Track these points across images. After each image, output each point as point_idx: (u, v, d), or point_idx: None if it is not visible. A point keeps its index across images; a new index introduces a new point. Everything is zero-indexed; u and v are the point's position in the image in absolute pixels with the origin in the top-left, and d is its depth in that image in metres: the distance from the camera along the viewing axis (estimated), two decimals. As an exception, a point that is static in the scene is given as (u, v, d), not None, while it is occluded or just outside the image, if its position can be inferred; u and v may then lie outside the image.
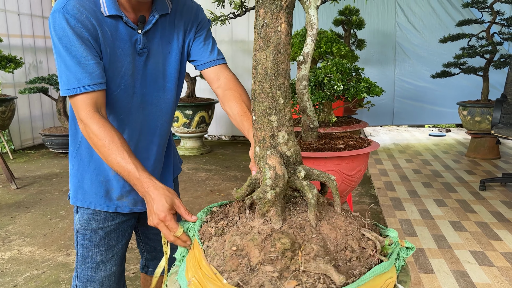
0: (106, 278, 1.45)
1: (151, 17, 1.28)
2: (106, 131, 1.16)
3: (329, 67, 2.67)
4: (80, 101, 1.18)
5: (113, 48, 1.24)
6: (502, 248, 2.70)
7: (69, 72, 1.17)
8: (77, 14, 1.16)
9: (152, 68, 1.33)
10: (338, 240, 0.91)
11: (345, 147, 1.83)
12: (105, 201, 1.38)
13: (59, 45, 1.16)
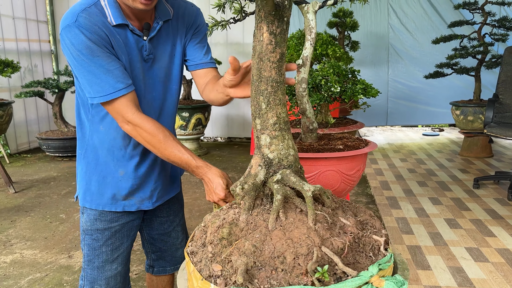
0: (112, 277, 1.49)
1: (155, 24, 1.33)
2: (158, 127, 1.25)
3: (326, 69, 2.72)
4: (121, 104, 1.24)
5: (126, 55, 1.29)
6: (496, 244, 2.76)
7: (99, 80, 1.22)
8: (90, 26, 1.20)
9: (158, 73, 1.38)
10: (277, 247, 0.93)
11: (344, 147, 1.88)
12: (112, 202, 1.42)
13: (82, 57, 1.20)
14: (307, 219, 0.99)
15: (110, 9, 1.25)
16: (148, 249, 1.67)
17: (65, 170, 5.07)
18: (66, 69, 5.54)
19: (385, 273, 0.94)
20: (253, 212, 1.05)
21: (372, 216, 1.12)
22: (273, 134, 1.10)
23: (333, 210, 1.07)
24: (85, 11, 1.22)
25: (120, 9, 1.26)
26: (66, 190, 4.26)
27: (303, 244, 0.92)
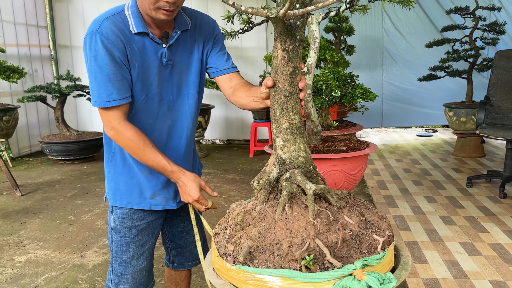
0: (138, 272, 1.61)
1: (173, 33, 1.45)
2: (139, 136, 1.38)
3: (326, 74, 2.86)
4: (111, 113, 1.37)
5: (141, 62, 1.41)
6: (489, 239, 2.91)
7: (100, 87, 1.35)
8: (110, 35, 1.33)
9: (176, 78, 1.50)
10: (277, 236, 1.09)
11: (347, 149, 2.01)
12: (140, 200, 1.54)
13: (93, 63, 1.33)
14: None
15: (133, 18, 1.38)
16: (169, 246, 1.79)
17: (69, 173, 5.16)
18: (67, 73, 5.64)
19: (374, 269, 1.03)
20: (266, 204, 1.22)
21: (382, 218, 1.22)
22: (285, 137, 1.24)
23: (339, 208, 1.19)
24: (109, 19, 1.35)
25: (142, 18, 1.39)
26: (72, 192, 4.36)
27: (299, 235, 1.07)
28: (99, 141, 5.78)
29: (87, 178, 4.94)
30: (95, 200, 4.10)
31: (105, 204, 3.95)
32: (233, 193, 4.18)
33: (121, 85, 1.36)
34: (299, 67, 1.21)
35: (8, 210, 3.87)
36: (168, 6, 1.30)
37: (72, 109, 6.89)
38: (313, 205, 1.12)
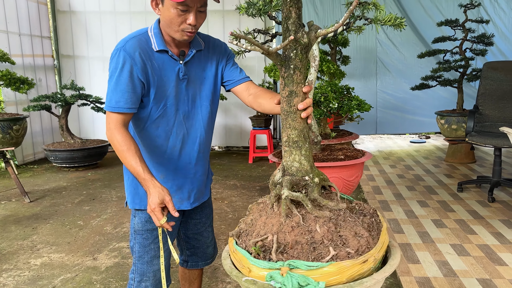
0: (158, 270, 1.78)
1: (189, 52, 1.66)
2: (126, 141, 1.54)
3: (324, 87, 3.06)
4: (113, 117, 1.56)
5: (160, 76, 1.61)
6: (477, 241, 3.11)
7: (112, 94, 1.56)
8: (132, 52, 1.54)
9: (191, 91, 1.69)
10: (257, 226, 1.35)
11: (344, 157, 2.20)
12: None
13: (114, 74, 1.55)
14: (293, 214, 1.30)
15: (155, 38, 1.59)
16: (183, 246, 1.97)
17: (74, 180, 5.32)
18: (72, 83, 5.81)
19: (303, 273, 1.14)
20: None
21: (358, 236, 1.25)
22: (284, 149, 1.44)
23: (316, 217, 1.29)
24: (134, 39, 1.57)
25: (162, 38, 1.60)
26: (79, 199, 4.52)
27: (266, 229, 1.29)
28: (103, 149, 5.94)
29: (92, 184, 5.10)
30: (102, 206, 4.26)
31: (112, 210, 4.11)
32: (235, 198, 4.36)
33: (129, 97, 1.55)
34: (295, 90, 1.39)
35: (19, 216, 4.02)
36: (190, 28, 1.52)
37: (75, 117, 7.04)
38: (285, 208, 1.30)
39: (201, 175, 1.79)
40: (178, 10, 1.49)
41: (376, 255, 1.21)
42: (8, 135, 4.30)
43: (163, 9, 1.53)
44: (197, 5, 1.51)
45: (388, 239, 1.35)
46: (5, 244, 3.36)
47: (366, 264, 1.17)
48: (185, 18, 1.51)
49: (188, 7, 1.49)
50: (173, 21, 1.52)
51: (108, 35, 6.95)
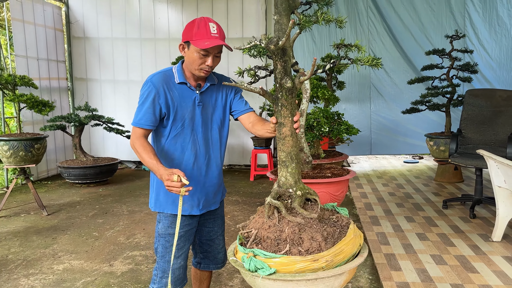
0: (177, 268, 2.14)
1: (205, 84, 2.09)
2: (143, 144, 1.97)
3: (317, 113, 3.46)
4: (136, 130, 2.01)
5: (179, 102, 2.03)
6: (455, 252, 3.45)
7: (138, 113, 2.01)
8: (157, 84, 1.99)
9: (204, 115, 2.10)
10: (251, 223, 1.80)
11: (331, 175, 2.57)
12: (172, 207, 2.09)
13: (142, 97, 2.01)
14: (274, 216, 1.75)
15: (177, 74, 2.05)
16: (198, 250, 2.33)
17: (86, 195, 5.69)
18: (86, 105, 6.24)
19: (261, 260, 1.58)
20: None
21: (313, 240, 1.61)
22: (279, 166, 1.84)
23: (289, 221, 1.71)
24: (159, 73, 2.04)
25: (184, 74, 2.05)
26: (92, 212, 4.88)
27: (255, 224, 1.72)
28: (113, 166, 6.33)
29: (103, 199, 5.47)
30: (114, 219, 4.62)
31: (124, 223, 4.47)
32: (237, 213, 4.72)
33: (149, 117, 1.99)
34: (283, 122, 1.82)
35: (39, 227, 4.38)
36: (208, 68, 1.98)
37: (86, 135, 7.45)
38: (267, 211, 1.75)
39: (210, 186, 2.17)
40: (200, 54, 1.93)
41: (329, 257, 1.55)
42: (30, 153, 4.70)
43: (188, 52, 1.96)
44: (215, 52, 1.96)
45: (352, 250, 1.67)
46: (29, 252, 3.72)
47: (317, 263, 1.54)
48: (204, 60, 1.95)
49: (208, 52, 1.93)
50: (195, 62, 1.96)
51: (120, 60, 7.42)
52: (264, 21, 7.05)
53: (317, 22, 2.36)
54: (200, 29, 1.91)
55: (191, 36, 1.93)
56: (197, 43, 1.90)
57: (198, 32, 1.91)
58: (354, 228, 1.75)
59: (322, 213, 1.75)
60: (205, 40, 1.90)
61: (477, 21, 6.37)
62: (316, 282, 1.52)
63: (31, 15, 6.62)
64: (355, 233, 1.72)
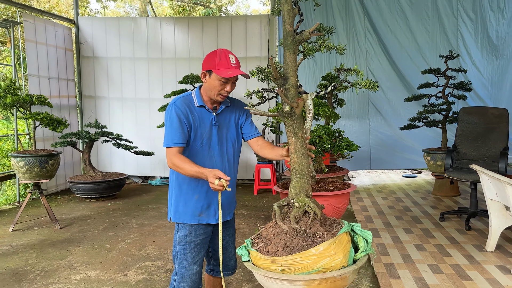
0: (194, 274, 2.35)
1: (220, 107, 2.34)
2: (182, 159, 2.19)
3: (319, 130, 3.69)
4: (171, 150, 2.22)
5: (199, 122, 2.27)
6: (451, 261, 3.65)
7: (168, 134, 2.23)
8: (181, 107, 2.23)
9: (219, 135, 2.34)
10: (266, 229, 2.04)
11: (334, 189, 2.79)
12: (191, 217, 2.31)
13: (169, 121, 2.23)
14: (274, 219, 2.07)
15: (196, 97, 2.29)
16: (211, 258, 2.54)
17: (96, 210, 5.89)
18: (95, 122, 6.49)
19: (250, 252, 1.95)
20: None
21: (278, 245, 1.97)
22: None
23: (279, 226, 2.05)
24: (181, 98, 2.29)
25: (201, 98, 2.30)
26: (103, 226, 5.08)
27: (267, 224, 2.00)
28: (121, 181, 6.54)
29: (113, 213, 5.67)
30: (125, 232, 4.82)
31: (135, 235, 4.67)
32: (242, 225, 4.91)
33: (180, 135, 2.21)
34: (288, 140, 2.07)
35: (53, 240, 4.57)
36: (226, 93, 2.24)
37: (94, 151, 7.67)
38: (277, 217, 2.04)
39: (225, 197, 2.39)
40: (221, 82, 2.19)
41: (285, 264, 1.87)
42: (45, 169, 4.92)
43: (210, 79, 2.22)
44: (233, 79, 2.21)
45: (312, 265, 1.87)
46: (46, 263, 3.91)
47: (274, 265, 1.89)
48: (224, 87, 2.21)
49: (228, 80, 2.19)
50: (216, 88, 2.21)
51: (127, 78, 7.70)
52: (266, 41, 7.35)
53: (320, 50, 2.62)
54: (222, 60, 2.17)
55: (214, 66, 2.18)
56: (220, 72, 2.15)
57: (220, 62, 2.17)
58: (326, 248, 1.86)
59: (311, 225, 1.95)
60: (227, 69, 2.15)
61: (469, 41, 6.67)
62: (271, 280, 1.90)
63: (44, 36, 6.91)
64: (324, 253, 1.85)
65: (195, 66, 7.44)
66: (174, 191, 2.36)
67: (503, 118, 4.90)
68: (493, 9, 6.45)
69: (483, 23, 6.55)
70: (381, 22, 6.92)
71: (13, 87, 5.00)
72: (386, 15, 6.88)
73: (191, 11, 11.82)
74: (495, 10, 6.44)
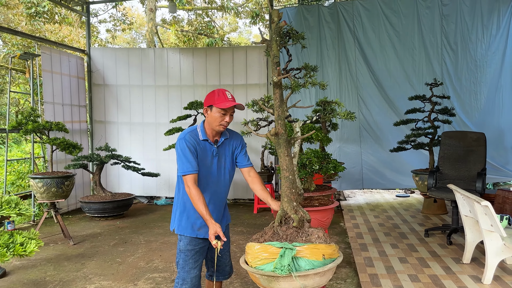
0: (194, 277, 2.76)
1: (220, 139, 2.78)
2: (198, 194, 2.60)
3: (309, 154, 4.14)
4: (188, 178, 2.63)
5: (202, 153, 2.71)
6: (429, 272, 4.03)
7: (183, 164, 2.64)
8: (190, 140, 2.67)
9: (219, 163, 2.78)
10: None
11: (319, 205, 3.21)
12: (191, 231, 2.75)
13: (181, 153, 2.65)
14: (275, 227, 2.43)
15: (201, 132, 2.74)
16: (209, 265, 2.96)
17: (106, 228, 6.30)
18: (106, 145, 6.97)
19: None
20: None
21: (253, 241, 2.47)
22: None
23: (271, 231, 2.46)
24: (189, 133, 2.72)
25: (205, 132, 2.73)
26: (113, 242, 5.49)
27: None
28: (129, 201, 6.97)
29: (122, 231, 6.08)
30: (133, 247, 5.22)
31: (143, 251, 5.07)
32: (242, 242, 5.31)
33: (194, 163, 2.65)
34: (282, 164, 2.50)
35: (68, 255, 4.99)
36: (226, 123, 2.69)
37: (103, 173, 8.13)
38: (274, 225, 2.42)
39: (220, 219, 2.84)
40: (220, 114, 2.65)
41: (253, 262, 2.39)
42: (61, 189, 5.37)
43: (211, 113, 2.68)
44: (231, 111, 2.68)
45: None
46: (63, 274, 4.32)
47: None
48: (223, 118, 2.66)
49: (226, 112, 2.64)
50: (217, 120, 2.66)
51: (135, 104, 8.23)
52: (265, 70, 7.89)
53: (305, 86, 3.10)
54: (220, 96, 2.64)
55: (214, 101, 2.65)
56: (219, 105, 2.62)
57: (218, 98, 2.64)
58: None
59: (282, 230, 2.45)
60: (225, 102, 2.62)
61: (451, 70, 7.18)
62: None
63: (58, 65, 7.48)
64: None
65: (199, 93, 7.97)
66: (179, 207, 2.80)
67: (481, 141, 5.34)
68: (472, 40, 6.99)
69: (464, 52, 7.07)
70: (371, 52, 7.45)
71: (33, 114, 5.50)
72: (376, 45, 7.42)
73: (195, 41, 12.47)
74: (473, 41, 6.98)
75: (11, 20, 12.76)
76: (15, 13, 12.45)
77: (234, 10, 11.98)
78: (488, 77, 7.01)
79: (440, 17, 7.21)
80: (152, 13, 12.15)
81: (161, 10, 14.38)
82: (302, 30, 7.55)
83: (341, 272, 4.17)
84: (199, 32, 12.05)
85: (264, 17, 11.74)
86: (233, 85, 7.95)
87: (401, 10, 7.36)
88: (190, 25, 12.95)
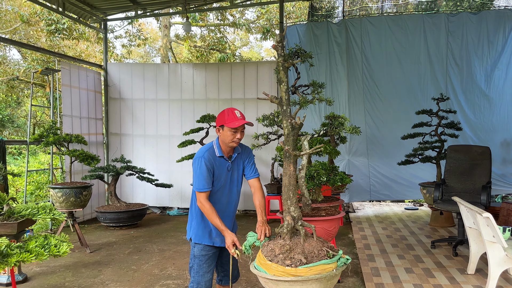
0: (207, 281, 2.95)
1: (233, 155, 2.99)
2: (211, 208, 2.81)
3: (317, 166, 4.32)
4: (202, 194, 2.83)
5: (219, 169, 2.91)
6: (434, 282, 4.14)
7: (199, 181, 2.84)
8: (208, 158, 2.87)
9: (233, 177, 2.99)
10: (308, 248, 2.48)
11: (325, 215, 3.38)
12: (208, 239, 2.94)
13: (199, 170, 2.85)
14: (312, 238, 2.58)
15: (217, 149, 2.94)
16: (219, 270, 3.14)
17: (120, 237, 6.52)
18: (121, 157, 7.23)
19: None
20: None
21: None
22: (296, 205, 2.69)
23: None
24: (207, 151, 2.92)
25: (221, 149, 2.94)
26: (128, 250, 5.69)
27: (318, 247, 2.51)
28: (143, 211, 7.19)
29: (136, 240, 6.28)
30: (147, 256, 5.42)
31: (156, 259, 5.26)
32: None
33: (209, 181, 2.86)
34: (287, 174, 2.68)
35: (85, 262, 5.20)
36: (238, 140, 2.89)
37: (118, 183, 8.37)
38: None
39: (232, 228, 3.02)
40: (231, 132, 2.85)
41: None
42: (79, 199, 5.61)
43: (223, 132, 2.88)
44: (241, 129, 2.88)
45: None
46: (81, 280, 4.52)
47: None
48: (235, 135, 2.87)
49: (237, 129, 2.85)
50: (228, 137, 2.87)
51: (150, 117, 8.50)
52: (276, 85, 8.11)
53: (312, 102, 3.29)
54: (230, 115, 2.85)
55: (224, 121, 2.85)
56: (229, 124, 2.82)
57: (228, 117, 2.84)
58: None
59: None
60: (234, 122, 2.82)
61: (456, 85, 7.34)
62: None
63: (77, 80, 7.80)
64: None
65: (211, 107, 8.22)
66: (195, 218, 2.99)
67: (486, 155, 5.46)
68: (478, 56, 7.14)
69: (469, 68, 7.23)
70: (378, 67, 7.64)
71: (54, 127, 5.78)
72: (382, 61, 7.62)
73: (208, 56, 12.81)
74: (479, 57, 7.13)
75: (31, 36, 13.25)
76: (35, 29, 12.94)
77: (245, 26, 12.31)
78: (493, 92, 7.15)
79: (446, 33, 7.39)
80: (166, 29, 12.54)
81: (175, 26, 14.80)
82: (312, 46, 7.78)
83: (348, 281, 4.31)
84: (212, 47, 12.39)
85: (274, 33, 12.02)
86: (244, 99, 8.18)
87: (407, 27, 7.56)
88: (203, 41, 13.31)
